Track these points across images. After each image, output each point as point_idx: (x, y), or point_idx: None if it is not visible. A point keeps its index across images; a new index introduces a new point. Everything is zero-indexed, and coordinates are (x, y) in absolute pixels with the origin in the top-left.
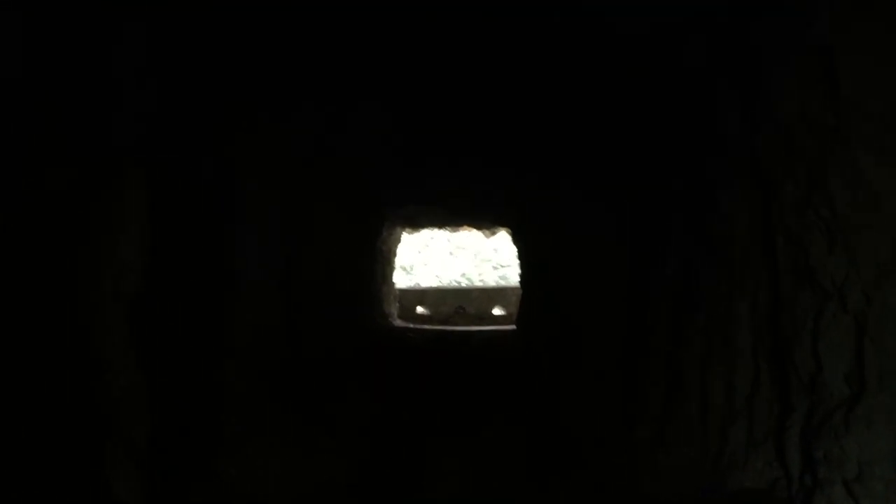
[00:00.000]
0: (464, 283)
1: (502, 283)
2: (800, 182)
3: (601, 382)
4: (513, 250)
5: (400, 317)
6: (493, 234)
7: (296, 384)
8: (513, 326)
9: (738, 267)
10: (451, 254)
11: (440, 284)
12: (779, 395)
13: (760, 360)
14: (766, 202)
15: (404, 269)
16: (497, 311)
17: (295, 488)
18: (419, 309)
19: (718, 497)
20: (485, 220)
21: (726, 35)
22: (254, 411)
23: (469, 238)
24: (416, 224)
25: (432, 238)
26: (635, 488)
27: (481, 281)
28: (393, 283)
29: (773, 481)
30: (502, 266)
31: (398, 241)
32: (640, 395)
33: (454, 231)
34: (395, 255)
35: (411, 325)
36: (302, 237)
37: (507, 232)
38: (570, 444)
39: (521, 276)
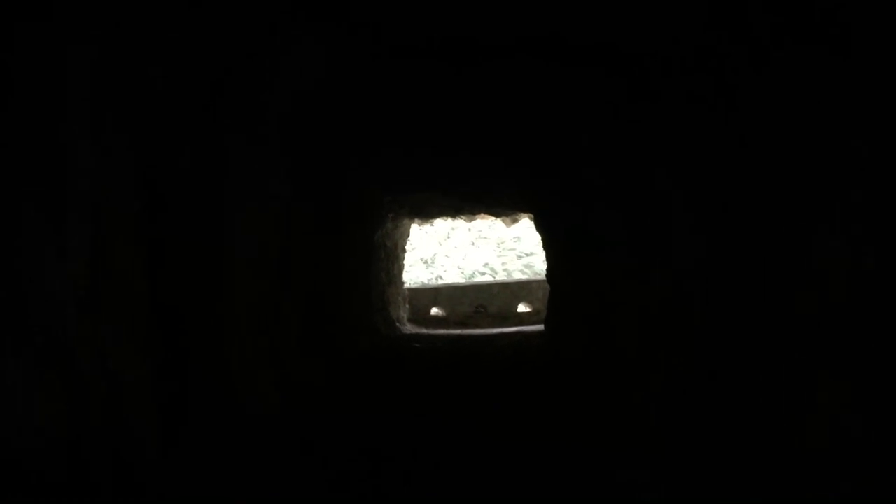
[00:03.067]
0: (487, 274)
1: (527, 272)
2: None
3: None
4: (537, 238)
5: (412, 320)
6: (515, 221)
7: None
8: (540, 327)
9: None
10: (472, 244)
11: (462, 277)
12: None
13: None
14: None
15: (425, 261)
16: (522, 308)
17: None
18: (433, 310)
19: None
20: (503, 207)
21: None
22: None
23: (491, 227)
24: (426, 214)
25: (453, 229)
26: None
27: (505, 271)
28: (402, 283)
29: None
30: (526, 255)
31: (406, 234)
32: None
33: (470, 220)
34: (403, 250)
35: (423, 331)
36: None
37: (529, 218)
38: None
39: (548, 269)
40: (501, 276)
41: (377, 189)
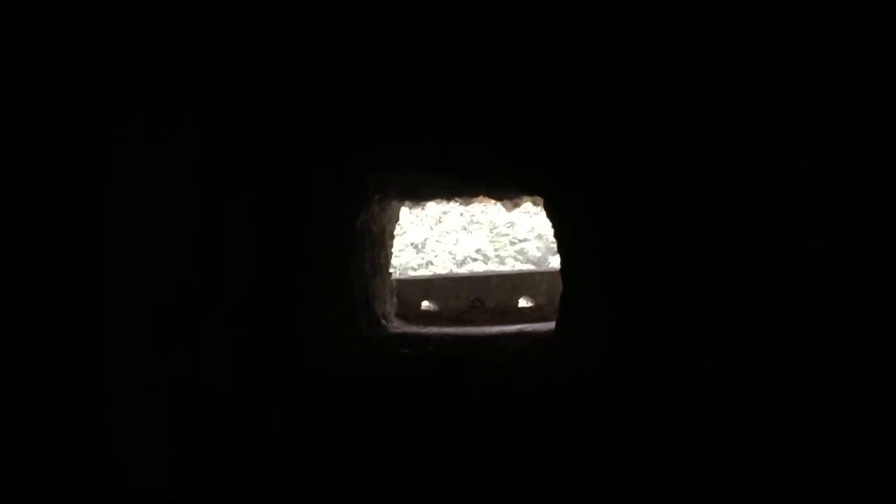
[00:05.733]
0: (479, 260)
1: (520, 258)
2: None
3: None
4: (530, 224)
5: (400, 315)
6: (517, 206)
7: None
8: (549, 326)
9: None
10: (464, 229)
11: (454, 262)
12: None
13: None
14: None
15: (415, 246)
16: (523, 303)
17: None
18: (425, 304)
19: None
20: (507, 188)
21: None
22: None
23: (484, 212)
24: (417, 195)
25: (445, 213)
26: None
27: (498, 257)
28: (389, 274)
29: None
30: (520, 241)
31: (395, 218)
32: None
33: (466, 203)
34: (391, 236)
35: (412, 329)
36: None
37: (533, 203)
38: None
39: (563, 261)
40: (494, 263)
41: (361, 166)
